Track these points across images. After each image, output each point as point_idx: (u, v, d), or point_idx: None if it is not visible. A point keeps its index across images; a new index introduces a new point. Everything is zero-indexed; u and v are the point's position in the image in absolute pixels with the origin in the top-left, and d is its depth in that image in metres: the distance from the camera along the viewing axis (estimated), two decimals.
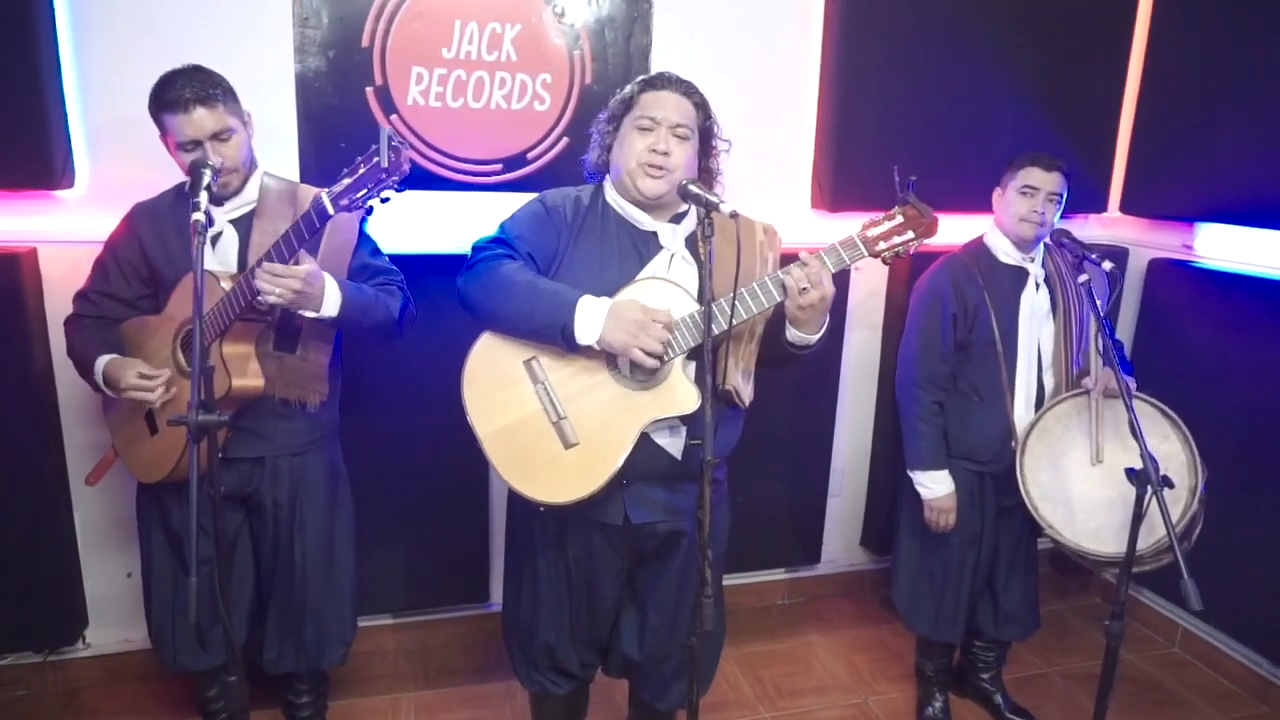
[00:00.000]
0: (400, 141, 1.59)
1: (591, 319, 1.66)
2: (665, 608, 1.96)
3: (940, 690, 2.60)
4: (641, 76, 1.86)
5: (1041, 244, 2.33)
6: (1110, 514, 2.12)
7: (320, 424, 2.08)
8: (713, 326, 1.64)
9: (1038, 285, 2.30)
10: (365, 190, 1.61)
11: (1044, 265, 2.33)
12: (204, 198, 1.54)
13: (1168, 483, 1.82)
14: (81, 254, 2.09)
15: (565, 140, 2.57)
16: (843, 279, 2.91)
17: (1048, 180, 2.23)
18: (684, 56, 2.61)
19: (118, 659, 2.62)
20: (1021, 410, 2.29)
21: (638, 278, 1.76)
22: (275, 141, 2.34)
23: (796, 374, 2.87)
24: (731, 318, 1.65)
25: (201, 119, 1.79)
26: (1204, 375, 2.80)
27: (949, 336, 2.29)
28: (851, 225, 1.76)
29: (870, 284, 3.02)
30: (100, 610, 2.57)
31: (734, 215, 1.56)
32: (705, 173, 1.91)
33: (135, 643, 2.60)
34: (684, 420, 1.75)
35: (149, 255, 1.94)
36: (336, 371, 2.12)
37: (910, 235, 1.74)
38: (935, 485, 2.31)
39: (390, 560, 2.74)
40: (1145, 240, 3.13)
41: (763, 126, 2.77)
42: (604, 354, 1.73)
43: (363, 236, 2.04)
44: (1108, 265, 2.05)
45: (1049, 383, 2.31)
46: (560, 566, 1.94)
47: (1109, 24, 2.99)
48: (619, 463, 1.68)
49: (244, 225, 1.94)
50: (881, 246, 1.74)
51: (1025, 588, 2.45)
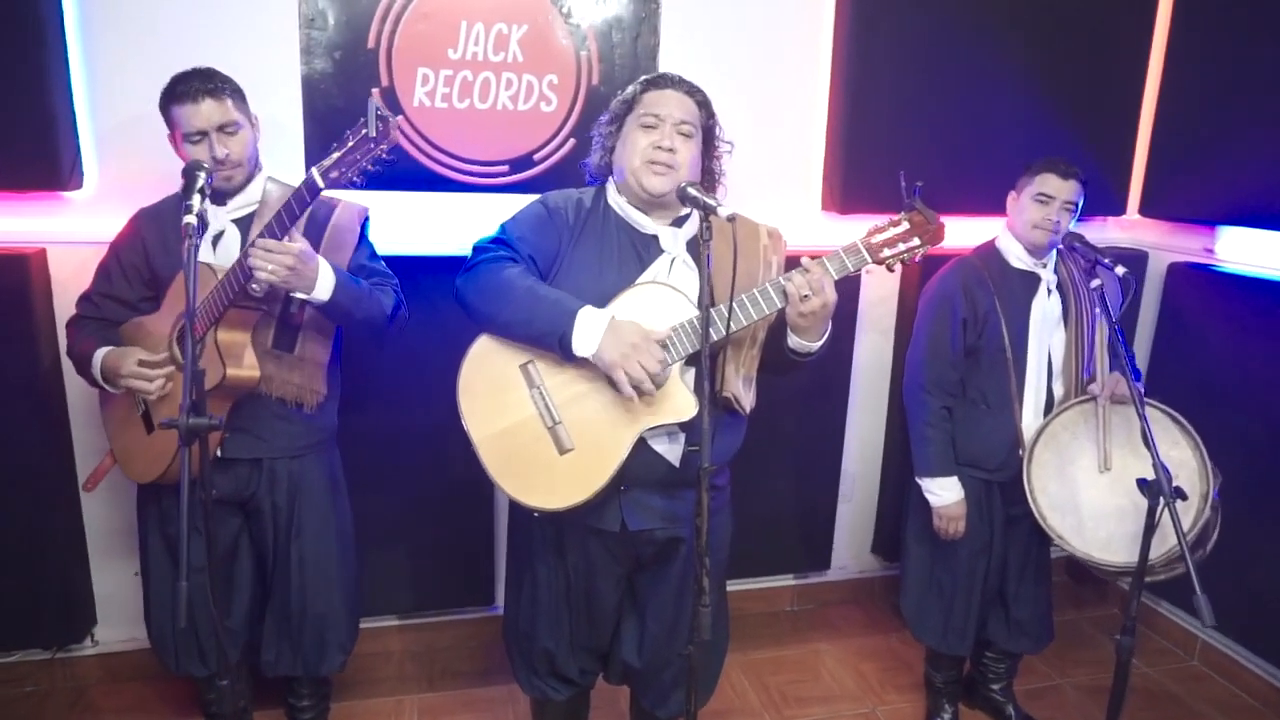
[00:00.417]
0: (387, 111, 1.60)
1: (591, 331, 1.64)
2: (664, 615, 1.93)
3: (950, 701, 2.55)
4: (644, 77, 1.84)
5: (1054, 249, 2.29)
6: (1120, 522, 2.08)
7: (318, 428, 2.08)
8: (711, 333, 1.63)
9: (1049, 291, 2.26)
10: (355, 161, 1.63)
11: (1056, 271, 2.29)
12: (196, 200, 1.54)
13: (1180, 494, 1.77)
14: (89, 255, 2.10)
15: (572, 141, 2.56)
16: (853, 282, 2.88)
17: (1064, 188, 2.18)
18: (692, 58, 2.59)
19: (124, 657, 2.63)
20: (1030, 418, 2.25)
21: (637, 281, 1.74)
22: (281, 143, 2.35)
23: (806, 378, 2.81)
24: (728, 324, 1.63)
25: (210, 110, 1.83)
26: (1225, 381, 2.74)
27: (958, 342, 2.25)
28: (862, 228, 1.73)
29: (882, 288, 2.97)
30: (108, 609, 2.59)
31: (731, 218, 1.53)
32: (708, 174, 1.89)
33: (141, 642, 2.57)
34: (682, 427, 1.73)
35: (151, 258, 1.96)
36: (336, 376, 2.12)
37: (916, 242, 1.71)
38: (944, 492, 2.27)
39: (395, 562, 2.73)
40: (1165, 243, 3.06)
41: (772, 128, 2.74)
42: None
43: (363, 239, 2.05)
44: (1120, 270, 2.00)
45: (1058, 390, 2.27)
46: (559, 573, 1.92)
47: (1128, 22, 2.92)
48: (613, 469, 1.66)
49: (246, 226, 1.95)
50: (886, 253, 1.71)
51: (1037, 598, 2.41)
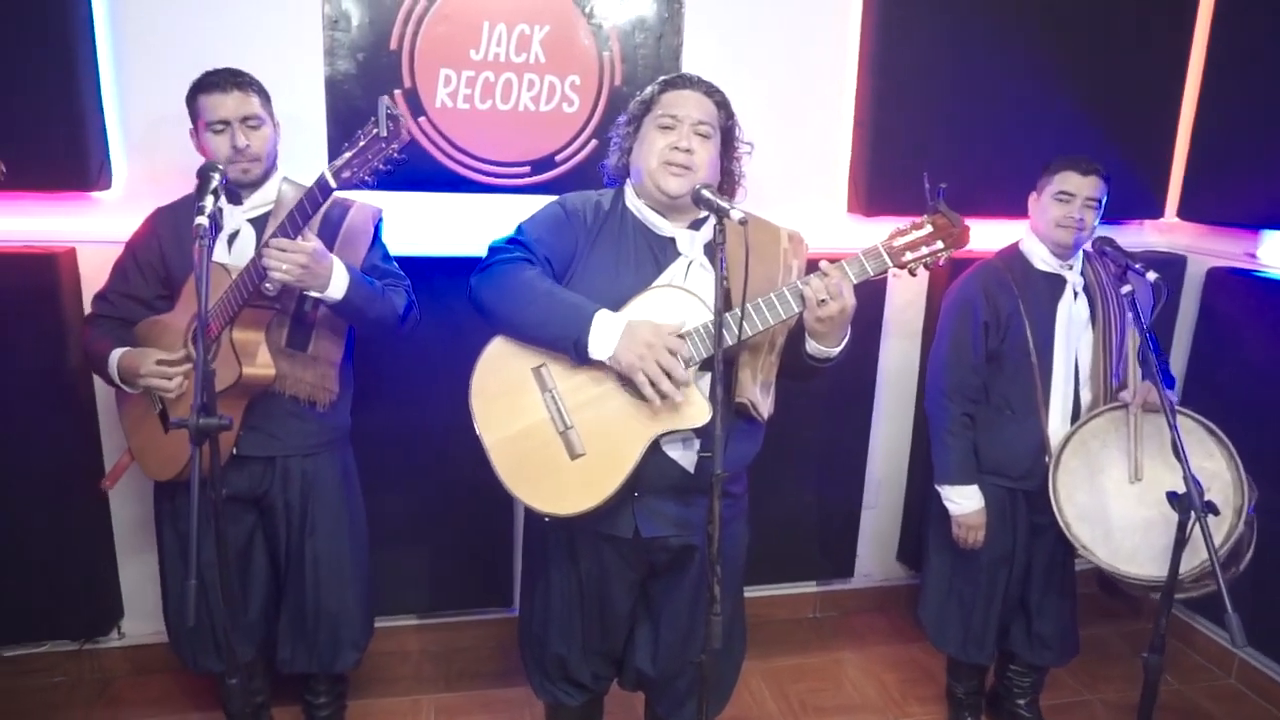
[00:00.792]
0: (398, 111, 1.61)
1: (607, 335, 1.62)
2: (678, 623, 1.91)
3: (972, 713, 2.50)
4: (662, 77, 1.82)
5: (1081, 251, 2.23)
6: (1149, 534, 2.02)
7: (331, 427, 2.09)
8: (726, 337, 1.60)
9: (1076, 294, 2.20)
10: (366, 161, 1.64)
11: (1083, 274, 2.23)
12: (209, 201, 1.55)
13: (1211, 509, 1.72)
14: (117, 254, 2.12)
15: (594, 142, 2.54)
16: (879, 286, 2.83)
17: (1085, 185, 2.13)
18: (716, 58, 2.56)
19: (150, 650, 2.66)
20: (1057, 424, 2.19)
21: (652, 285, 1.72)
22: (305, 143, 2.37)
23: (830, 384, 2.78)
24: (740, 330, 1.60)
25: (236, 101, 1.87)
26: (1265, 392, 2.65)
27: (980, 346, 2.20)
28: (888, 230, 1.70)
29: (908, 292, 2.92)
30: (135, 602, 2.63)
31: (743, 222, 1.50)
32: (727, 175, 1.86)
33: (166, 635, 2.65)
34: (697, 433, 1.71)
35: (166, 257, 1.99)
36: (349, 376, 2.13)
37: (940, 245, 1.67)
38: (964, 501, 2.22)
39: (415, 561, 2.74)
40: (1205, 248, 2.97)
41: (797, 129, 2.71)
42: None
43: (376, 240, 2.06)
44: (1152, 276, 1.94)
45: (1086, 396, 2.20)
46: (572, 578, 1.91)
47: (1167, 18, 2.84)
48: (624, 476, 1.65)
49: (261, 225, 1.96)
50: (908, 257, 1.68)
51: (1061, 611, 2.34)
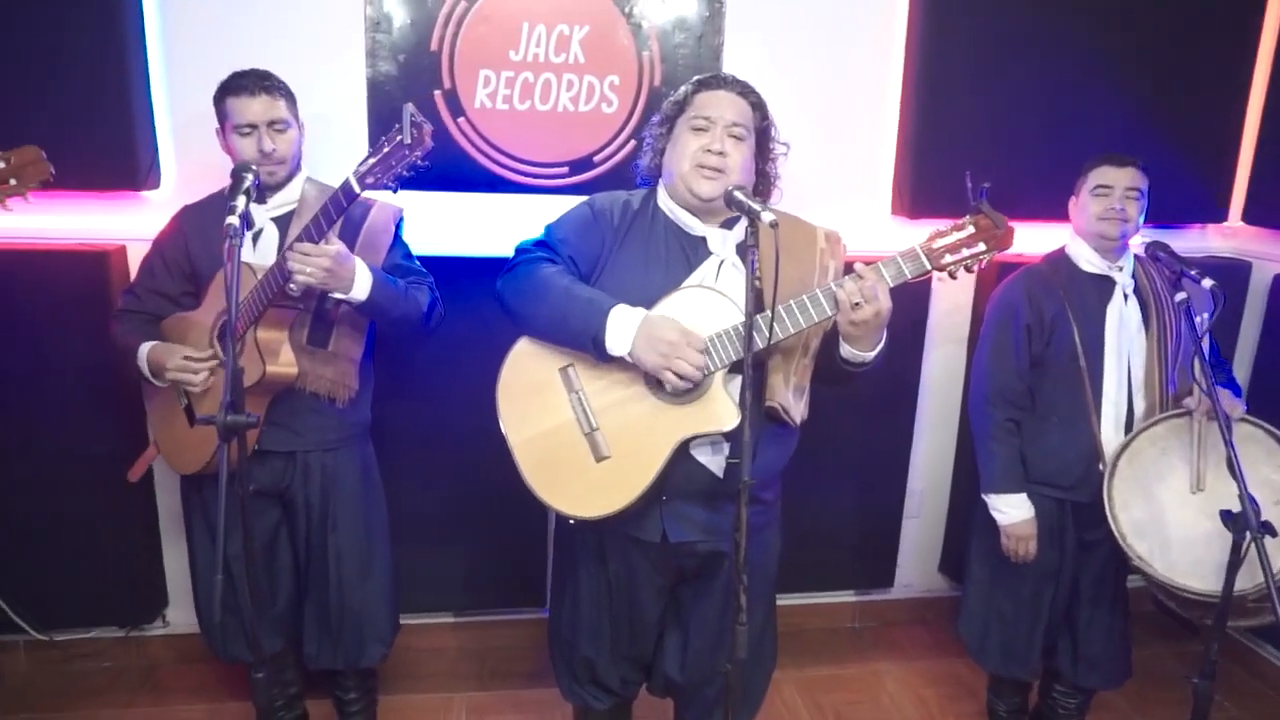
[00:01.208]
0: (423, 119, 1.62)
1: (624, 329, 1.60)
2: (707, 630, 1.89)
3: None
4: (696, 77, 1.80)
5: (1130, 254, 2.14)
6: (1210, 548, 1.91)
7: (351, 423, 2.11)
8: (757, 340, 1.57)
9: (1126, 296, 2.11)
10: (390, 167, 1.65)
11: (1134, 275, 2.14)
12: (241, 201, 1.57)
13: (1269, 529, 1.63)
14: None
15: (633, 143, 2.52)
16: (923, 290, 2.76)
17: (1122, 176, 2.06)
18: (757, 58, 2.53)
19: (192, 639, 2.68)
20: (1110, 432, 2.09)
21: (683, 285, 1.69)
22: (346, 144, 2.39)
23: (871, 389, 2.72)
24: (770, 334, 1.57)
25: (263, 105, 1.90)
26: None
27: (1022, 350, 2.13)
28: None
29: (955, 296, 2.84)
30: (178, 592, 2.68)
31: (774, 225, 1.47)
32: (762, 176, 1.83)
33: None
34: (725, 437, 1.68)
35: (193, 254, 2.03)
36: (369, 373, 2.15)
37: (982, 248, 1.62)
38: (1011, 510, 2.14)
39: (453, 559, 2.75)
40: (1271, 253, 2.84)
41: (840, 129, 2.65)
42: None
43: (398, 239, 2.08)
44: (1208, 283, 1.85)
45: (1140, 404, 2.11)
46: (601, 581, 1.89)
47: (1232, 12, 2.71)
48: (650, 480, 1.62)
49: (285, 224, 1.99)
50: (948, 259, 1.63)
51: (1111, 632, 2.24)
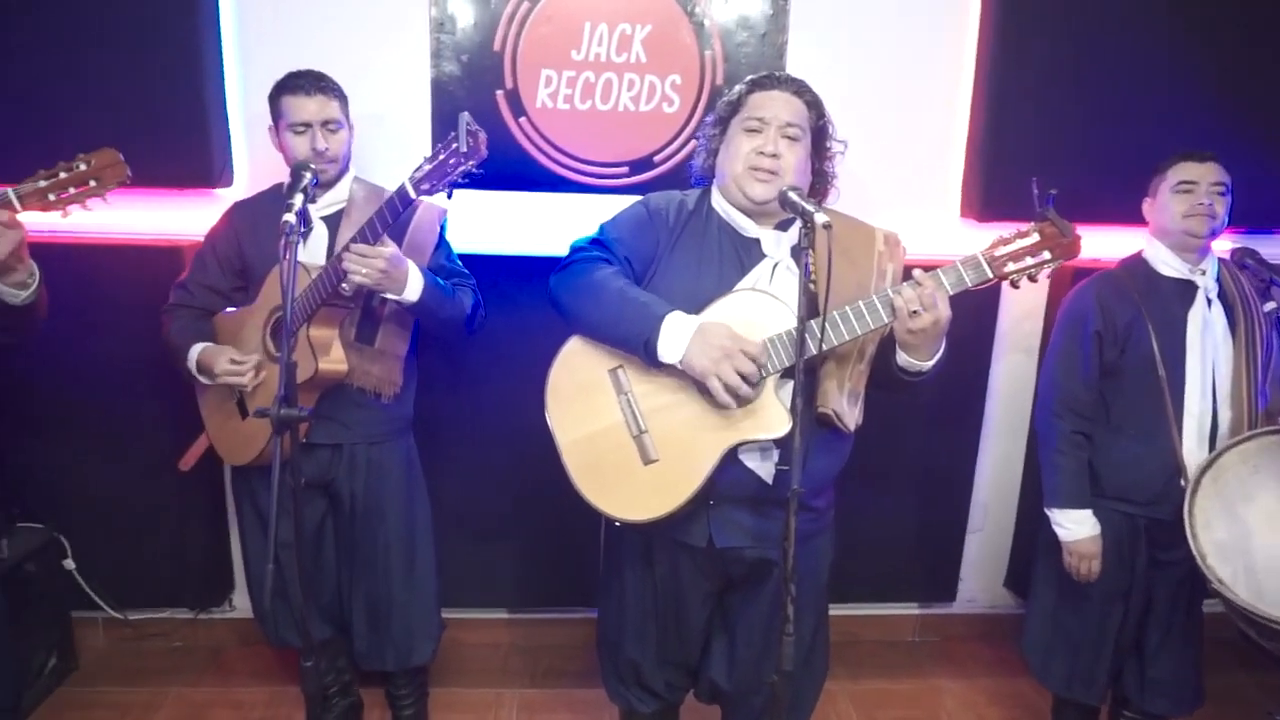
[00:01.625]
0: (478, 127, 1.64)
1: (678, 336, 1.58)
2: (754, 637, 1.85)
3: None
4: (750, 77, 1.77)
5: (1213, 257, 2.03)
6: None
7: (395, 416, 2.16)
8: (810, 345, 1.54)
9: (1209, 301, 2.00)
10: (445, 174, 1.68)
11: (1218, 280, 2.03)
12: (299, 199, 1.60)
13: None
14: None
15: (693, 143, 2.46)
16: (992, 296, 2.68)
17: (1205, 171, 1.96)
18: (822, 57, 2.48)
19: (254, 624, 2.79)
20: (1192, 445, 1.98)
21: (735, 288, 1.67)
22: (410, 143, 2.44)
23: (935, 397, 2.66)
24: (821, 339, 1.53)
25: (318, 104, 1.96)
26: None
27: (1091, 359, 2.04)
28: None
29: (1027, 303, 2.74)
30: (243, 578, 2.75)
31: (827, 226, 1.43)
32: (819, 176, 1.79)
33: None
34: (776, 443, 1.65)
35: (244, 250, 2.08)
36: (412, 368, 2.19)
37: (1047, 255, 1.56)
38: (1075, 526, 2.05)
39: (510, 555, 2.78)
40: None
41: (908, 130, 2.59)
42: None
43: (441, 239, 2.11)
44: None
45: (1225, 416, 1.99)
46: (647, 584, 1.88)
47: None
48: (697, 485, 1.60)
49: (333, 223, 2.04)
50: (1011, 267, 1.57)
51: (1183, 658, 2.13)
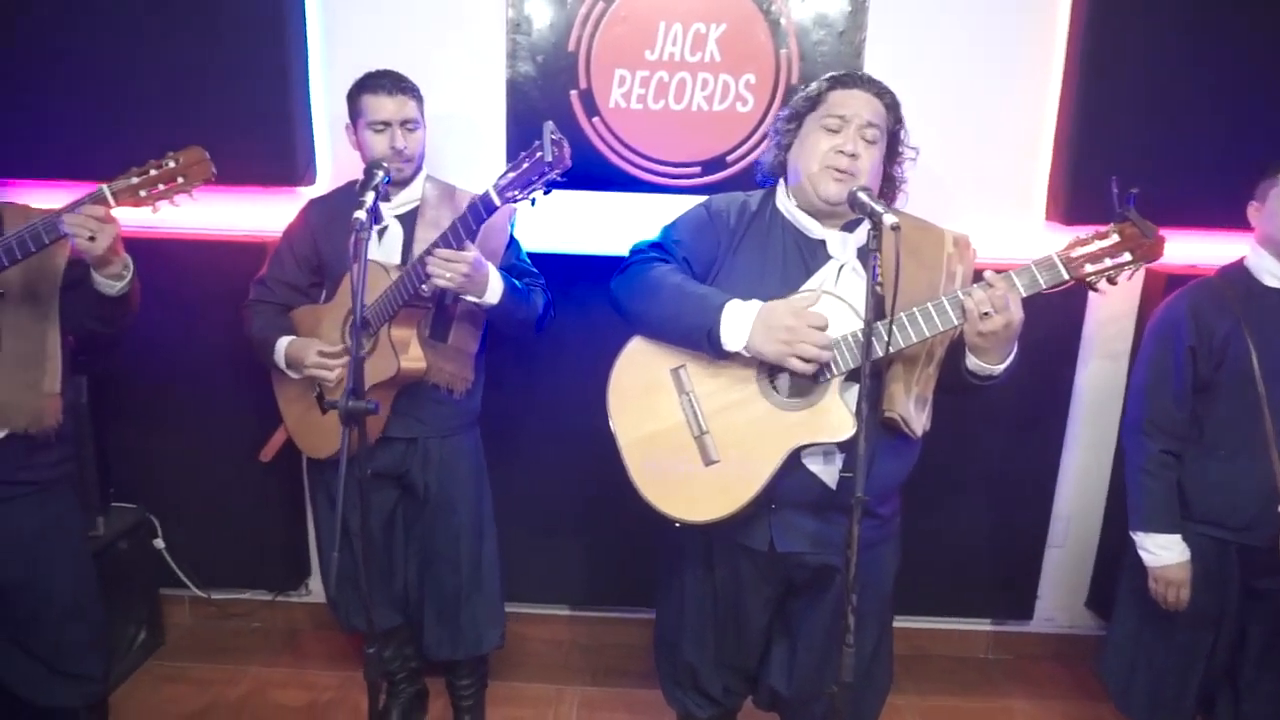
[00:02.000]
0: (561, 136, 1.65)
1: (739, 324, 1.57)
2: (815, 645, 1.82)
3: None
4: (830, 74, 1.74)
5: None
6: None
7: (465, 410, 2.20)
8: (876, 348, 1.50)
9: None
10: (529, 183, 1.69)
11: None
12: (370, 197, 1.64)
13: None
14: None
15: (767, 143, 2.48)
16: (1078, 299, 2.56)
17: None
18: (901, 56, 2.43)
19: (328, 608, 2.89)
20: None
21: (800, 289, 1.64)
22: (486, 143, 2.49)
23: (1015, 404, 2.57)
24: (889, 343, 1.49)
25: (398, 104, 2.00)
26: None
27: (1184, 374, 1.93)
28: None
29: (1116, 306, 2.61)
30: (319, 563, 2.85)
31: (895, 228, 1.40)
32: (888, 180, 1.75)
33: None
34: (840, 447, 1.62)
35: (319, 247, 2.13)
36: (481, 365, 2.22)
37: (1127, 257, 1.49)
38: (1162, 552, 1.94)
39: (572, 552, 2.80)
40: None
41: (992, 132, 2.50)
42: (756, 366, 1.63)
43: (511, 239, 2.13)
44: None
45: None
46: (707, 586, 1.86)
47: None
48: (759, 487, 1.58)
49: (409, 221, 2.07)
50: (1089, 269, 1.50)
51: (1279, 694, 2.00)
